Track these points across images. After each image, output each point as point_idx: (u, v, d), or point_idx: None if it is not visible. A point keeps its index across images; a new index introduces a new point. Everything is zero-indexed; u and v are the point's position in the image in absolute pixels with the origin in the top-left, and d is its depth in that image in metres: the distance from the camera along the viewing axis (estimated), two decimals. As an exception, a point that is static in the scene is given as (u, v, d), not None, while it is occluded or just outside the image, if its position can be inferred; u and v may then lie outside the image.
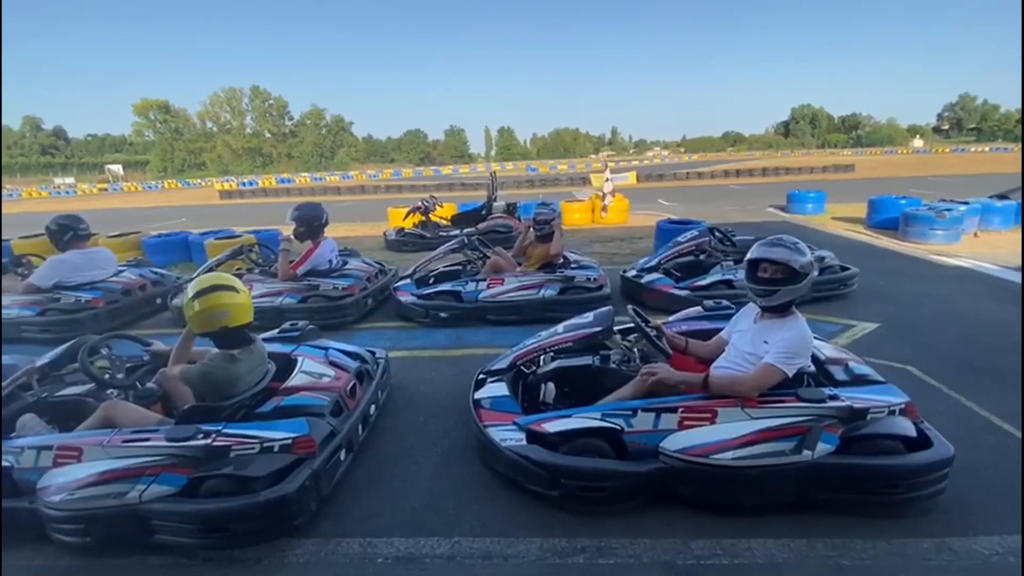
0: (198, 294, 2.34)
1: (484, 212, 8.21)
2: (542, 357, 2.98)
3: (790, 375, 2.22)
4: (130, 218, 16.63)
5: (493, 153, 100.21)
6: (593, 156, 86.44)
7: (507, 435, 2.44)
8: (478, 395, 2.74)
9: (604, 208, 9.70)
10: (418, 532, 2.19)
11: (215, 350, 2.51)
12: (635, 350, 2.75)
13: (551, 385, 2.67)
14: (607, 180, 9.90)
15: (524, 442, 2.37)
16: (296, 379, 2.68)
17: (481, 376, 2.95)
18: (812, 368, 2.43)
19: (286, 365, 2.86)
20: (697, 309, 3.30)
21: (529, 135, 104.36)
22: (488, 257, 5.03)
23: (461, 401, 3.28)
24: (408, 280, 5.06)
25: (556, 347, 2.74)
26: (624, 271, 5.30)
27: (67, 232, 4.80)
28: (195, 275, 5.32)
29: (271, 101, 70.98)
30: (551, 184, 22.02)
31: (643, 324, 2.61)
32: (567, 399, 2.73)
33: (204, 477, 2.15)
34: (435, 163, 78.79)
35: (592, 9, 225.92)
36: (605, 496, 2.22)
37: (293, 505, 2.11)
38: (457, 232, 8.07)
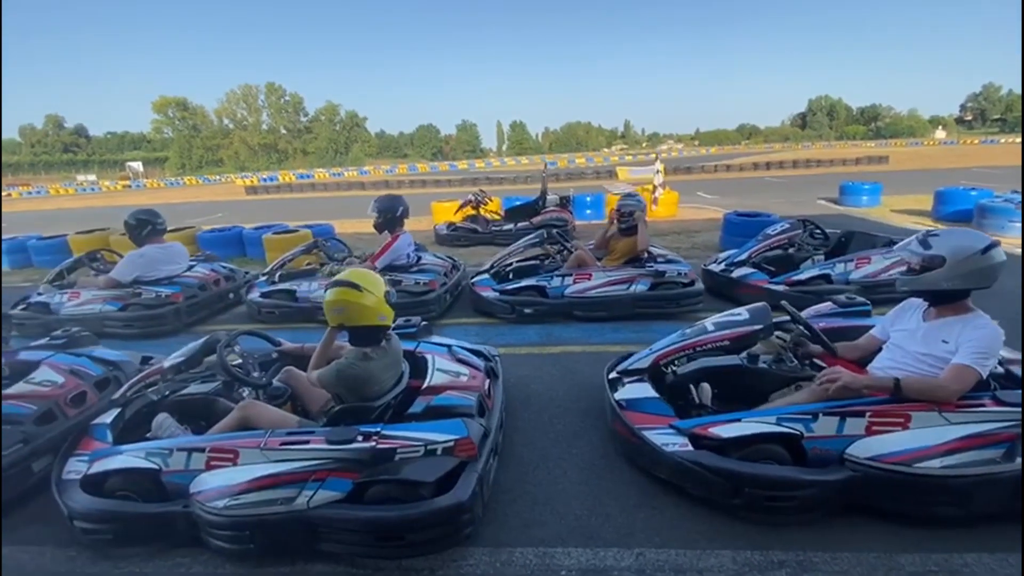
0: (331, 285, 2.25)
1: (539, 205, 8.05)
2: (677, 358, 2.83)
3: (984, 376, 2.05)
4: (165, 214, 16.70)
5: (505, 148, 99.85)
6: (606, 149, 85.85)
7: (667, 439, 2.30)
8: (621, 396, 2.61)
9: (655, 201, 9.50)
10: (593, 542, 2.07)
11: (349, 347, 2.41)
12: (788, 350, 2.59)
13: (706, 387, 2.52)
14: (656, 172, 9.70)
15: (688, 447, 2.24)
16: (437, 378, 2.57)
17: (614, 375, 2.82)
18: (1000, 369, 2.26)
19: (414, 363, 2.75)
20: (828, 305, 3.12)
21: (541, 129, 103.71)
22: (570, 251, 4.89)
23: (582, 402, 3.18)
24: (486, 275, 4.94)
25: (707, 346, 2.59)
26: (705, 265, 5.13)
27: (146, 227, 4.75)
28: (270, 268, 5.28)
29: (287, 97, 71.39)
30: (577, 177, 21.73)
31: (803, 321, 2.46)
32: (717, 401, 2.58)
33: (370, 482, 2.05)
34: (447, 158, 78.66)
35: (604, 1, 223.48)
36: (793, 506, 2.08)
37: (467, 512, 1.99)
38: (511, 226, 7.95)
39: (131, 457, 2.23)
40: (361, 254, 5.35)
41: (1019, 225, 6.57)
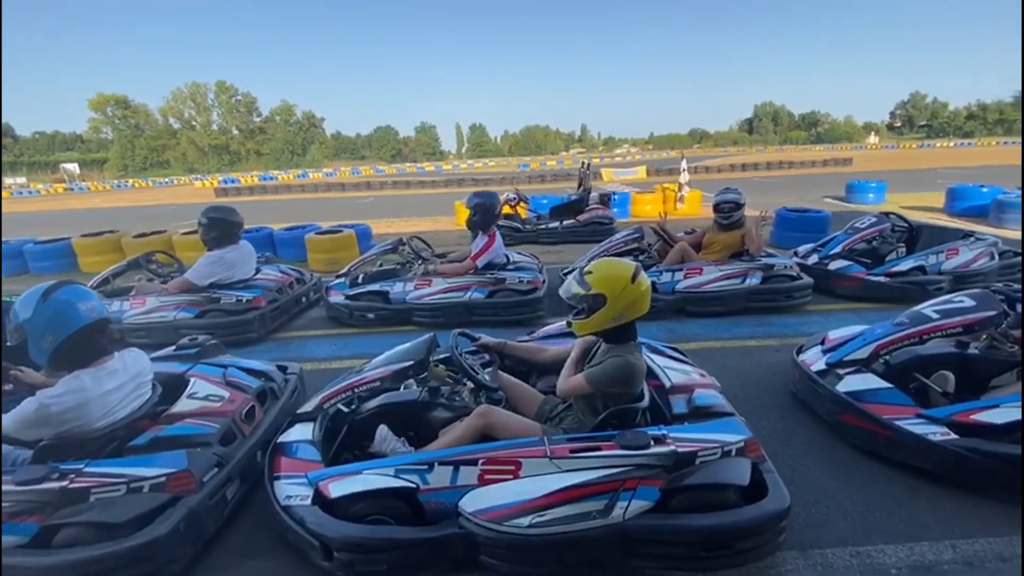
0: (633, 278, 2.06)
1: (583, 204, 7.96)
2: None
3: None
4: (136, 217, 15.47)
5: (464, 150, 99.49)
6: (564, 153, 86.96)
7: (926, 429, 2.28)
8: (847, 388, 2.57)
9: (681, 199, 9.63)
10: (894, 538, 2.00)
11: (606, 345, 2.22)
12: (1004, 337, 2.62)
13: (949, 375, 2.51)
14: (683, 171, 9.83)
15: (951, 435, 2.22)
16: (677, 377, 2.44)
17: (821, 367, 2.78)
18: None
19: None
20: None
21: (500, 132, 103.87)
22: (671, 245, 4.83)
23: (763, 397, 3.11)
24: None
25: (936, 334, 2.58)
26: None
27: (224, 226, 4.32)
28: (347, 269, 4.92)
29: (239, 96, 67.97)
30: (563, 179, 21.83)
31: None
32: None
33: (675, 489, 1.89)
34: (407, 160, 77.46)
35: (559, 5, 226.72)
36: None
37: (787, 517, 1.88)
38: (556, 225, 7.82)
39: (380, 476, 1.98)
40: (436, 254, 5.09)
41: (1038, 218, 7.09)
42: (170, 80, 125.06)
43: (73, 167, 50.07)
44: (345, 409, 2.45)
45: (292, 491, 2.05)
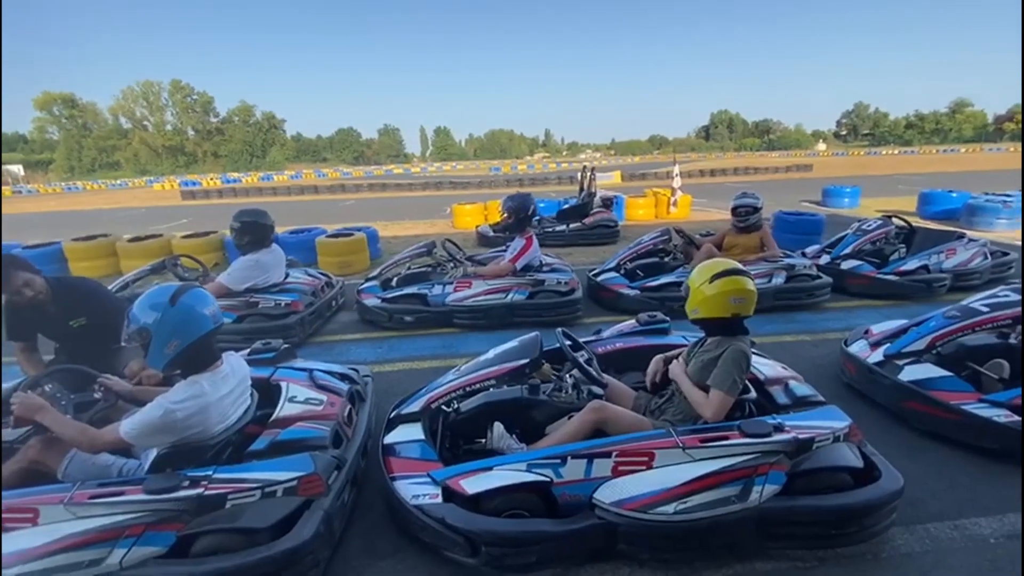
0: (717, 276, 2.18)
1: (588, 207, 8.11)
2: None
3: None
4: (99, 221, 14.62)
5: (429, 153, 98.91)
6: (529, 157, 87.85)
7: (990, 412, 2.50)
8: (910, 377, 2.78)
9: (674, 203, 9.95)
10: (991, 511, 2.18)
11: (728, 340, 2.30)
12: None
13: (1004, 363, 2.74)
14: (675, 176, 10.16)
15: (1014, 417, 2.45)
16: (768, 370, 2.57)
17: (878, 358, 2.99)
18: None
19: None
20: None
21: (465, 135, 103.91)
22: (695, 246, 5.02)
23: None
24: (615, 273, 4.94)
25: (986, 326, 2.82)
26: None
27: (258, 230, 4.20)
28: (379, 271, 4.86)
29: (194, 96, 65.24)
30: (540, 183, 22.08)
31: None
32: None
33: (797, 473, 2.02)
34: (370, 162, 76.37)
35: (523, 10, 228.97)
36: None
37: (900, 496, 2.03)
38: (563, 227, 7.95)
39: (514, 472, 2.02)
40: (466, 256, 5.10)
41: (1004, 221, 7.75)
42: (121, 79, 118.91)
43: (16, 169, 46.83)
44: (446, 408, 2.47)
45: (418, 490, 2.06)
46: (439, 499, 2.01)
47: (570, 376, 2.50)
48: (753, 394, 2.28)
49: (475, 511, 1.96)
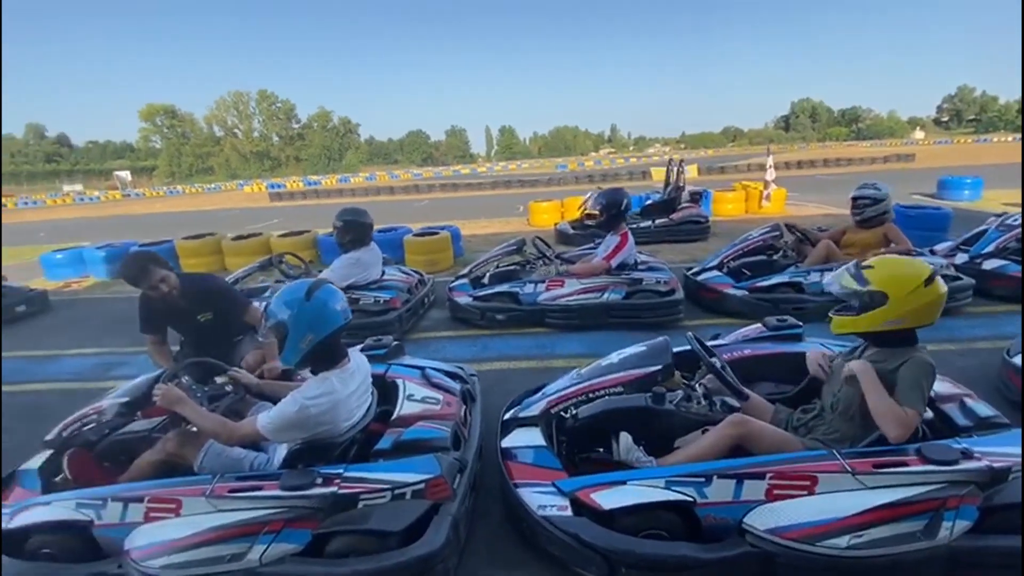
0: (929, 280, 1.87)
1: (675, 202, 7.75)
2: None
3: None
4: (205, 221, 15.96)
5: (494, 153, 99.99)
6: (594, 153, 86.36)
7: None
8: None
9: (767, 197, 9.28)
10: None
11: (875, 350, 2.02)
12: None
13: None
14: (769, 168, 9.49)
15: None
16: (938, 385, 2.24)
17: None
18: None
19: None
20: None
21: (530, 134, 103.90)
22: (810, 243, 4.58)
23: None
24: (717, 271, 4.62)
25: None
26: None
27: (359, 229, 4.31)
28: (469, 269, 4.86)
29: (278, 104, 70.03)
30: (611, 179, 21.55)
31: None
32: None
33: (990, 508, 1.71)
34: (437, 164, 78.18)
35: (589, 7, 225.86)
36: None
37: None
38: (648, 223, 7.63)
39: (651, 488, 1.85)
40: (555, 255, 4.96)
41: None
42: (214, 90, 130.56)
43: (125, 175, 52.36)
44: (564, 414, 2.35)
45: (544, 500, 1.95)
46: (568, 511, 1.89)
47: (700, 385, 2.29)
48: (929, 413, 1.97)
49: (606, 527, 1.82)
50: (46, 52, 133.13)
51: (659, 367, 2.15)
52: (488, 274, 4.86)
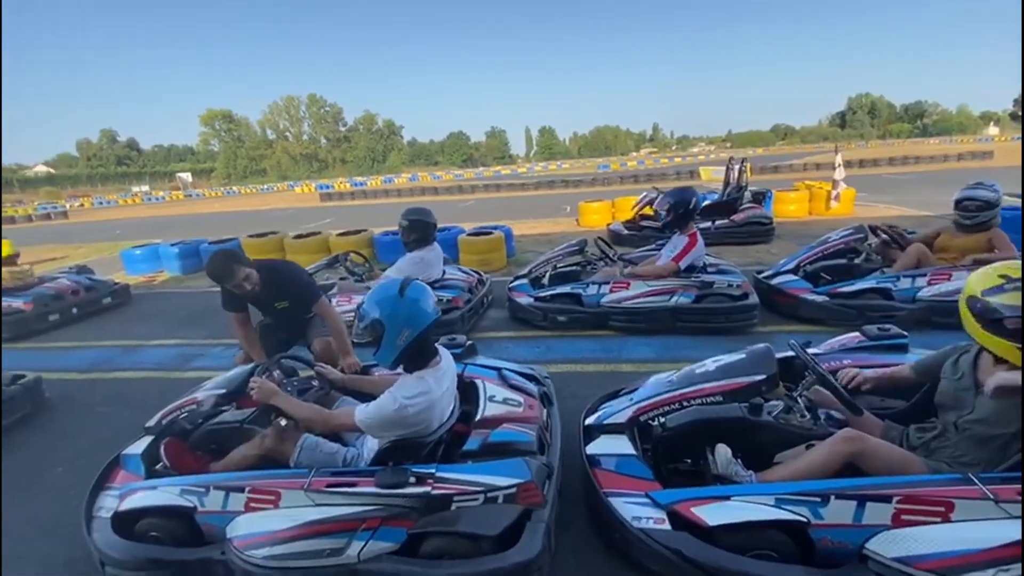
0: None
1: (737, 203, 7.47)
2: None
3: None
4: (263, 220, 16.69)
5: (533, 153, 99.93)
6: (635, 153, 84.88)
7: None
8: None
9: (836, 197, 8.77)
10: None
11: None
12: None
13: None
14: (838, 166, 8.99)
15: None
16: None
17: None
18: None
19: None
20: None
21: (569, 134, 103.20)
22: (899, 246, 4.28)
23: None
24: (793, 275, 4.38)
25: None
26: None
27: (423, 228, 4.35)
28: (529, 269, 4.82)
29: (327, 108, 72.50)
30: (658, 178, 21.09)
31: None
32: None
33: None
34: (477, 164, 78.76)
35: (630, 5, 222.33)
36: None
37: None
38: (708, 224, 7.37)
39: (759, 506, 1.75)
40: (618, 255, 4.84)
41: None
42: (268, 94, 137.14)
43: (187, 176, 55.61)
44: (652, 423, 2.26)
45: (638, 511, 1.88)
46: (665, 524, 1.81)
47: (802, 396, 2.15)
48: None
49: (714, 544, 1.73)
50: (118, 61, 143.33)
51: (764, 376, 2.02)
52: (548, 274, 4.79)
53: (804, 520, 1.69)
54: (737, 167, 7.78)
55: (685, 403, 2.14)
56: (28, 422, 3.36)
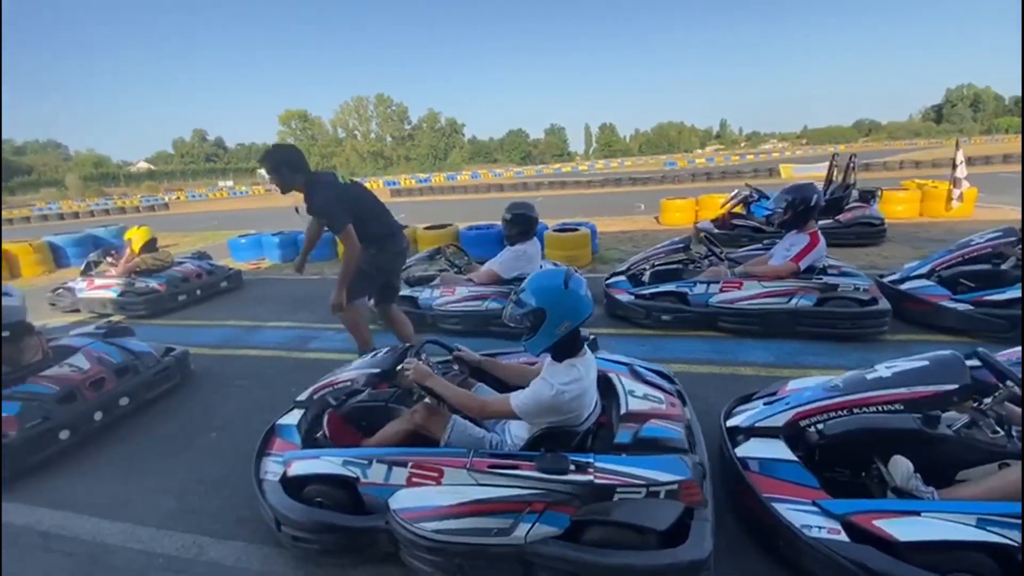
0: None
1: (843, 201, 7.01)
2: None
3: None
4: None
5: (592, 151, 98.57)
6: (699, 151, 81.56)
7: None
8: None
9: (959, 197, 7.94)
10: None
11: None
12: None
13: None
14: (959, 163, 8.19)
15: None
16: None
17: None
18: None
19: None
20: None
21: (630, 131, 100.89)
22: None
23: None
24: (926, 280, 4.05)
25: None
26: None
27: (526, 223, 4.37)
28: (628, 265, 4.75)
29: (393, 107, 75.08)
30: (732, 176, 20.15)
31: None
32: None
33: None
34: (536, 162, 78.62)
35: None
36: None
37: None
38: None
39: (959, 525, 1.62)
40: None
41: None
42: (339, 95, 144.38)
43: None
44: (810, 428, 2.14)
45: (807, 520, 1.80)
46: (841, 535, 1.71)
47: (992, 411, 1.96)
48: None
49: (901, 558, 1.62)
50: (209, 64, 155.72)
51: (955, 387, 1.86)
52: (647, 271, 4.69)
53: (1015, 544, 1.55)
54: (847, 164, 7.26)
55: (856, 410, 2.02)
56: (178, 391, 3.71)
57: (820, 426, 2.14)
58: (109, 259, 6.23)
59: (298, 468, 2.19)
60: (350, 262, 3.06)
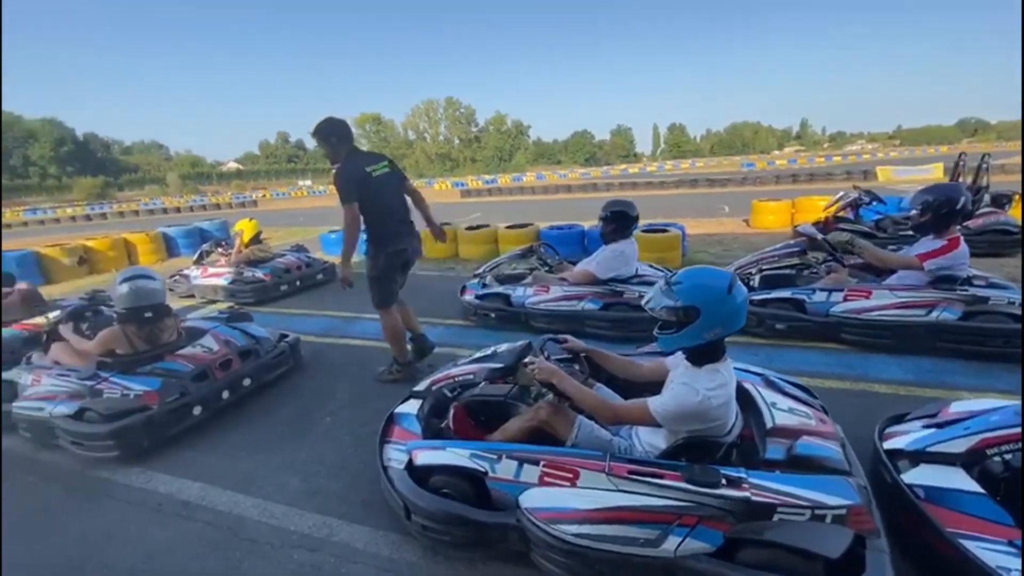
0: None
1: (973, 206, 6.32)
2: None
3: None
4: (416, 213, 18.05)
5: (660, 151, 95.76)
6: (777, 152, 76.86)
7: None
8: None
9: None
10: None
11: None
12: None
13: None
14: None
15: None
16: None
17: None
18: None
19: None
20: None
21: (701, 131, 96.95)
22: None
23: None
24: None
25: None
26: None
27: (624, 221, 4.23)
28: (742, 264, 4.48)
29: (461, 110, 76.78)
30: (821, 178, 18.79)
31: None
32: None
33: None
34: (601, 163, 77.36)
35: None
36: None
37: None
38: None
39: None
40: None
41: None
42: (411, 98, 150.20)
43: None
44: (995, 459, 1.87)
45: (1004, 562, 1.57)
46: None
47: None
48: None
49: None
50: (292, 68, 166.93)
51: None
52: (756, 276, 4.41)
53: None
54: (981, 163, 6.51)
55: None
56: (291, 376, 3.91)
57: (1008, 456, 1.87)
58: (220, 250, 6.74)
59: (424, 458, 2.20)
60: (348, 238, 3.41)
